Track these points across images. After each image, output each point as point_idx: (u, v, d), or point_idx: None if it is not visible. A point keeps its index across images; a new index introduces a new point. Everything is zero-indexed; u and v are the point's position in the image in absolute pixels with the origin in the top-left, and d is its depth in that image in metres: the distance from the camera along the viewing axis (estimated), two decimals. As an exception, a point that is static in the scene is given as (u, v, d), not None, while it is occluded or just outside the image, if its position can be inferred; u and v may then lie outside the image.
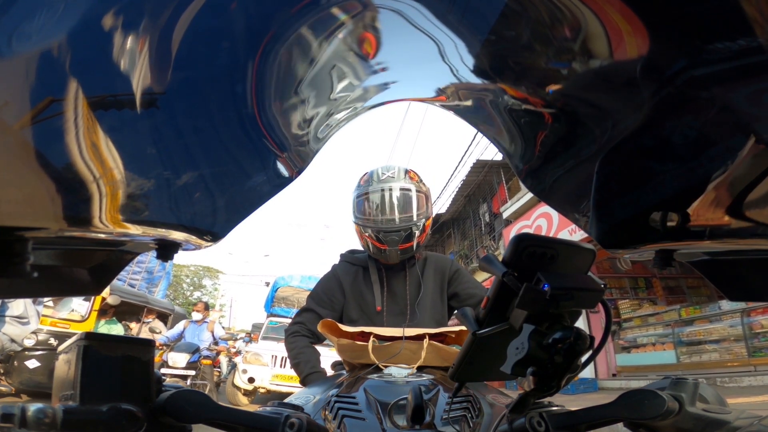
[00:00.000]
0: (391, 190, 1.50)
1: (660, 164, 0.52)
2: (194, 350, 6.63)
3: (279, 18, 0.47)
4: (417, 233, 1.49)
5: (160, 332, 7.52)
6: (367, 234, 1.50)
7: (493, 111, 0.68)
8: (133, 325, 8.31)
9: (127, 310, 8.53)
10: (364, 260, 1.61)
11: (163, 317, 8.57)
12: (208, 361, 6.84)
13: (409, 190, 1.51)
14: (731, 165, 0.43)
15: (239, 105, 0.56)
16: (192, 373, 6.41)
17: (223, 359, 8.33)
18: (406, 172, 1.56)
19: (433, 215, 1.58)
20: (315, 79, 0.60)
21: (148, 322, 8.06)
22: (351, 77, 0.64)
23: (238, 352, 10.79)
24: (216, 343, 7.24)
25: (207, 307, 7.68)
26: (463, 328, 1.19)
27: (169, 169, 0.56)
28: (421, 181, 1.57)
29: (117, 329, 7.11)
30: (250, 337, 12.15)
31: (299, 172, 0.76)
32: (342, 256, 1.69)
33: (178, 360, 6.35)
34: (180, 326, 7.40)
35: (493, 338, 0.44)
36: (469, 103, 0.71)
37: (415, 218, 1.48)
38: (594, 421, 0.54)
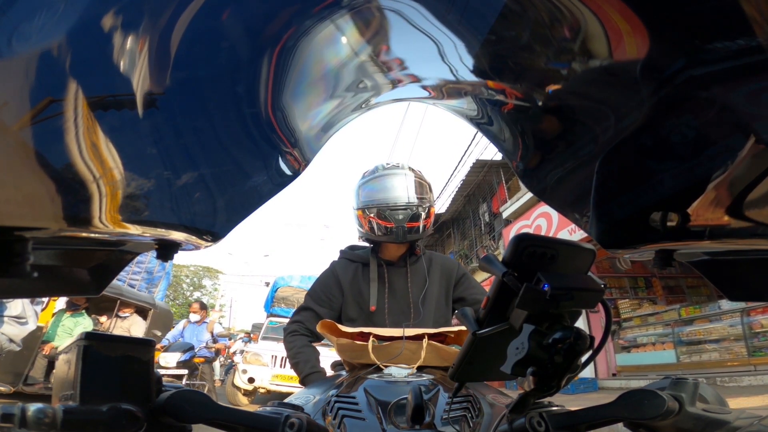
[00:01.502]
0: (395, 175, 1.53)
1: (660, 164, 0.52)
2: (186, 349, 6.50)
3: (279, 19, 0.47)
4: (423, 215, 1.50)
5: (160, 334, 7.02)
6: (371, 215, 1.49)
7: (493, 111, 0.68)
8: (104, 320, 7.03)
9: (105, 306, 7.28)
10: (365, 256, 1.58)
11: (142, 312, 7.32)
12: (201, 359, 6.62)
13: (412, 176, 1.54)
14: (731, 165, 0.43)
15: (239, 105, 0.56)
16: (185, 372, 6.28)
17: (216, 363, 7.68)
18: (410, 167, 1.59)
19: (434, 213, 1.61)
20: (315, 80, 0.60)
21: (124, 317, 6.93)
22: (351, 77, 0.64)
23: (234, 353, 10.64)
24: (215, 341, 7.00)
25: (203, 307, 7.36)
26: (463, 328, 1.19)
27: (169, 169, 0.56)
28: (423, 176, 1.60)
29: (84, 323, 6.25)
30: (250, 337, 12.05)
31: (299, 172, 0.76)
32: (342, 252, 1.67)
33: (169, 360, 6.27)
34: (180, 326, 7.17)
35: (493, 338, 0.44)
36: (468, 102, 0.71)
37: (418, 200, 1.50)
38: (594, 421, 0.54)
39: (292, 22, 0.48)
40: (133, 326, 6.79)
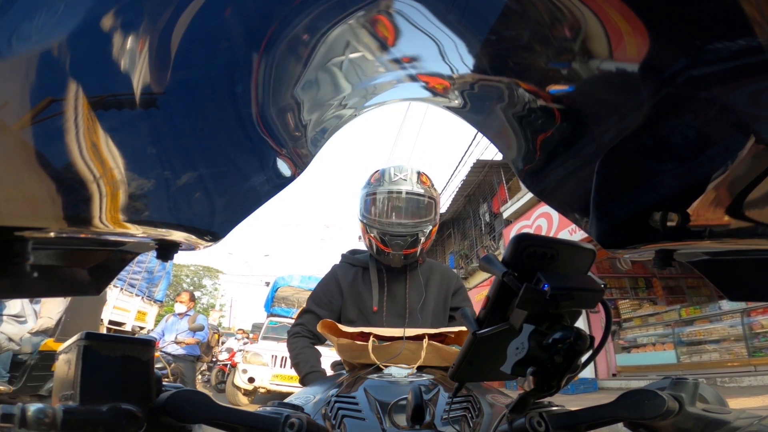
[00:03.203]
0: (400, 193, 1.47)
1: (660, 164, 0.52)
2: None
3: (278, 18, 0.47)
4: (422, 239, 1.47)
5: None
6: (372, 234, 1.48)
7: (493, 111, 0.68)
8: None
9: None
10: (365, 261, 1.60)
11: (59, 296, 5.94)
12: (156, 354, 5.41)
13: (419, 195, 1.48)
14: (731, 165, 0.43)
15: (239, 105, 0.56)
16: None
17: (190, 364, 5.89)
18: (419, 175, 1.53)
19: (436, 230, 1.55)
20: (315, 79, 0.60)
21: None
22: (351, 77, 0.64)
23: (221, 351, 10.11)
24: (194, 332, 5.80)
25: (192, 298, 6.31)
26: (463, 328, 1.19)
27: (169, 169, 0.56)
28: (432, 186, 1.54)
29: None
30: (248, 337, 11.81)
31: (299, 172, 0.76)
32: (343, 256, 1.69)
33: None
34: (162, 321, 6.20)
35: (493, 338, 0.44)
36: (469, 102, 0.71)
37: (422, 225, 1.47)
38: (594, 421, 0.54)
39: (292, 23, 0.48)
40: (45, 306, 5.42)
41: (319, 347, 1.55)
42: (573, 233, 7.83)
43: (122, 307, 11.05)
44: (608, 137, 0.54)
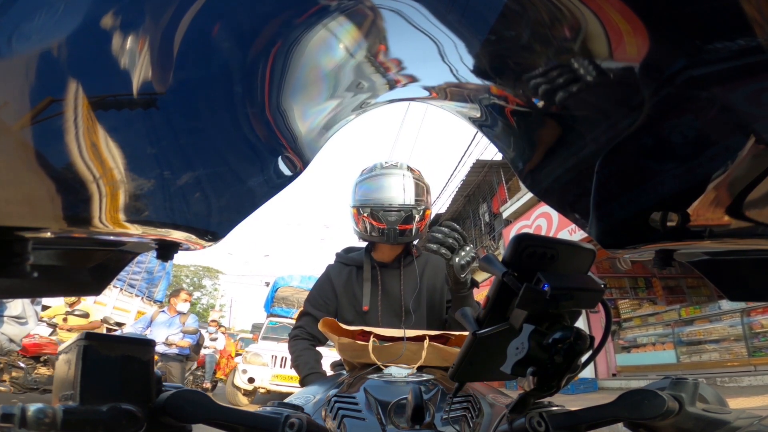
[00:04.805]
0: (392, 175, 1.52)
1: (660, 164, 0.52)
2: None
3: (279, 19, 0.47)
4: (417, 218, 1.47)
5: None
6: (365, 214, 1.48)
7: (493, 111, 0.68)
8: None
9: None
10: (359, 259, 1.59)
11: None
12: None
13: (410, 177, 1.52)
14: (731, 165, 0.43)
15: (239, 105, 0.56)
16: None
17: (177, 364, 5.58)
18: (408, 167, 1.57)
19: (433, 215, 1.57)
20: (315, 80, 0.60)
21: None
22: (351, 78, 0.64)
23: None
24: (183, 336, 5.60)
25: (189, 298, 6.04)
26: (464, 332, 1.19)
27: (169, 169, 0.56)
28: (421, 176, 1.58)
29: None
30: (224, 332, 11.20)
31: (299, 172, 0.76)
32: (337, 255, 1.68)
33: None
34: (147, 318, 5.90)
35: (493, 338, 0.44)
36: (468, 102, 0.71)
37: (414, 202, 1.48)
38: (594, 421, 0.54)
39: (292, 23, 0.48)
40: None
41: (319, 348, 1.55)
42: (573, 233, 7.83)
43: (122, 307, 11.04)
44: (608, 137, 0.54)
